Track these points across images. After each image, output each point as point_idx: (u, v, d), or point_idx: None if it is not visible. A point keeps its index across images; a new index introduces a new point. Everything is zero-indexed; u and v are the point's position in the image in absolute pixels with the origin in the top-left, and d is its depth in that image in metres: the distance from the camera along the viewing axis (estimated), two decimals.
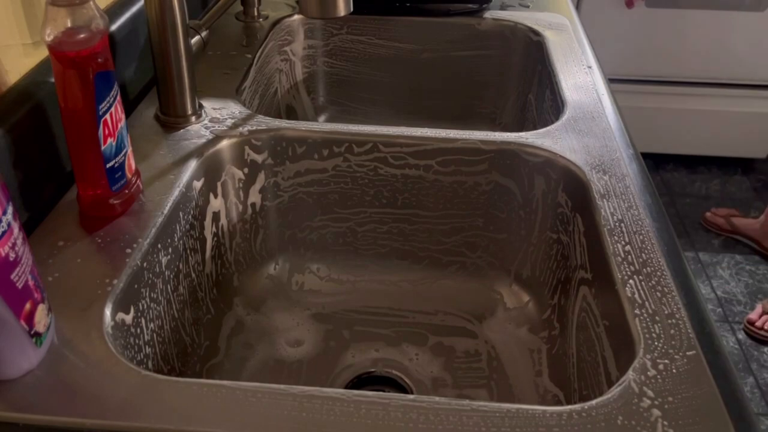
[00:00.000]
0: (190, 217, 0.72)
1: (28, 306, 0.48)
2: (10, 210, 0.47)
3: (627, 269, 0.61)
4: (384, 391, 0.75)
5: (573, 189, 0.75)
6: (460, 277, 0.88)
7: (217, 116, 0.82)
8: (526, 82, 1.09)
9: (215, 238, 0.79)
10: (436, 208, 0.85)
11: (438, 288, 0.87)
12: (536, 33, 1.07)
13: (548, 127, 0.82)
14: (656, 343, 0.54)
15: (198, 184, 0.74)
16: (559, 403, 0.71)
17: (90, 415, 0.48)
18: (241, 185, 0.82)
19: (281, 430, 0.47)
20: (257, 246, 0.86)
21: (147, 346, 0.63)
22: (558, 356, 0.74)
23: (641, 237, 0.65)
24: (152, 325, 0.64)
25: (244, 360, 0.77)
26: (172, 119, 0.80)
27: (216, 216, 0.79)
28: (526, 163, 0.79)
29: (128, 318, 0.59)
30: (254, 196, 0.84)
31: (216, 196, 0.79)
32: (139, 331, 0.61)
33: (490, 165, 0.81)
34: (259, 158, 0.82)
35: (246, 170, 0.82)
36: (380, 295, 0.86)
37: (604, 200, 0.69)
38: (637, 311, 0.57)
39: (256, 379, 0.76)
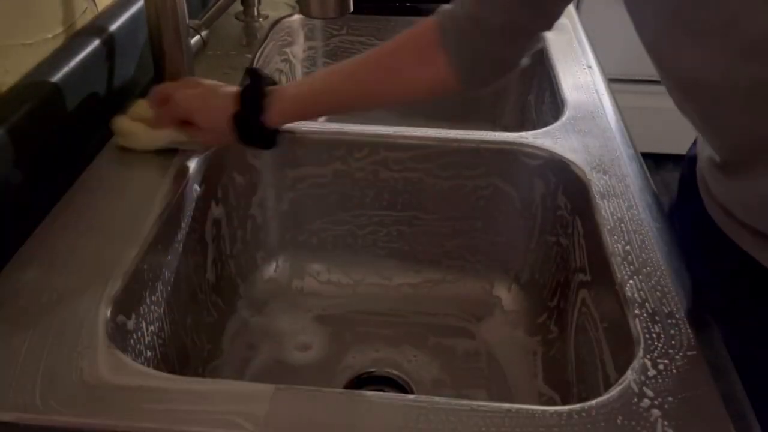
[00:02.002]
0: (189, 219, 0.72)
1: None
2: None
3: (627, 269, 0.61)
4: (384, 390, 0.75)
5: (573, 189, 0.75)
6: (460, 279, 0.87)
7: None
8: (526, 83, 1.09)
9: (215, 241, 0.79)
10: (436, 211, 0.85)
11: (438, 290, 0.87)
12: None
13: (548, 127, 0.82)
14: (656, 343, 0.54)
15: (198, 186, 0.74)
16: (556, 405, 0.71)
17: (90, 415, 0.48)
18: (241, 188, 0.82)
19: (280, 429, 0.47)
20: (258, 248, 0.86)
21: (147, 350, 0.62)
22: (556, 359, 0.74)
23: (641, 237, 0.65)
24: (152, 327, 0.64)
25: (246, 362, 0.77)
26: None
27: (216, 218, 0.79)
28: (525, 166, 0.79)
29: (127, 319, 0.59)
30: (254, 200, 0.84)
31: (216, 199, 0.78)
32: (139, 334, 0.61)
33: (489, 168, 0.81)
34: (259, 161, 0.82)
35: (246, 172, 0.82)
36: (380, 297, 0.86)
37: (604, 200, 0.69)
38: (637, 311, 0.56)
39: (256, 380, 0.75)
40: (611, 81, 0.94)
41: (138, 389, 0.49)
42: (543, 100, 0.99)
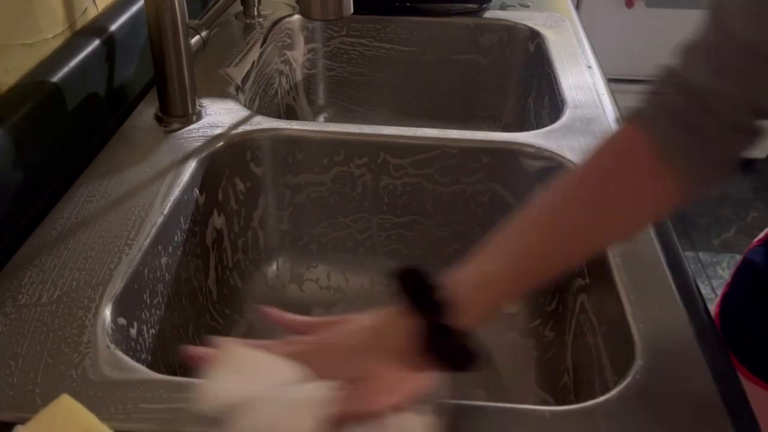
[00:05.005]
0: (190, 223, 0.72)
1: None
2: None
3: (627, 271, 0.61)
4: None
5: None
6: None
7: (217, 116, 0.82)
8: (526, 83, 1.09)
9: (216, 245, 0.79)
10: (436, 216, 0.85)
11: None
12: (536, 33, 1.07)
13: (548, 127, 0.82)
14: (656, 344, 0.54)
15: (198, 186, 0.74)
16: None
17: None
18: (242, 193, 0.82)
19: None
20: (258, 253, 0.86)
21: (148, 351, 0.62)
22: (554, 362, 0.74)
23: (641, 237, 0.65)
24: (153, 330, 0.64)
25: None
26: (171, 119, 0.80)
27: (216, 221, 0.79)
28: (524, 170, 0.79)
29: (127, 321, 0.59)
30: (255, 205, 0.84)
31: (217, 204, 0.78)
32: (139, 336, 0.61)
33: (488, 173, 0.81)
34: (259, 166, 0.81)
35: (247, 178, 0.81)
36: (381, 300, 0.86)
37: None
38: (637, 312, 0.56)
39: None
40: (611, 81, 0.94)
41: (138, 390, 0.49)
42: (543, 100, 0.99)
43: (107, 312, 0.55)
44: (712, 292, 1.96)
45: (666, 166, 0.47)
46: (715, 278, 2.01)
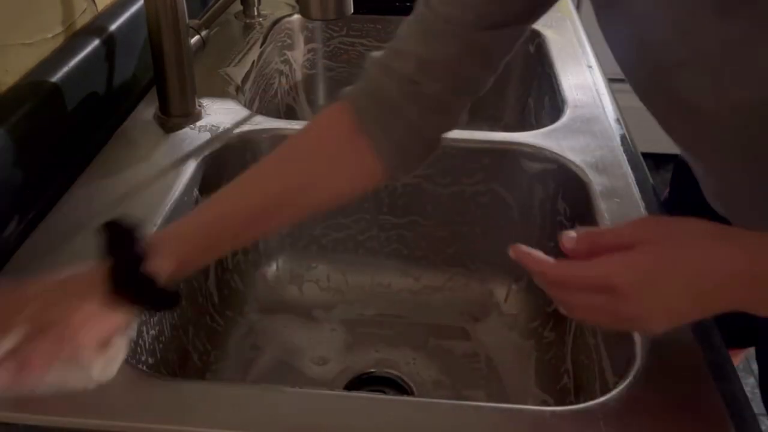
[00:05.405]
0: None
1: None
2: None
3: None
4: (384, 391, 0.75)
5: (573, 191, 0.75)
6: (459, 283, 0.87)
7: (217, 116, 0.82)
8: (527, 83, 1.09)
9: None
10: (436, 216, 0.85)
11: (437, 293, 0.87)
12: (537, 33, 1.07)
13: (548, 127, 0.82)
14: (656, 345, 0.53)
15: (198, 186, 0.74)
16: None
17: (90, 415, 0.48)
18: None
19: (280, 430, 0.47)
20: (258, 253, 0.86)
21: (147, 352, 0.62)
22: (554, 363, 0.74)
23: None
24: (153, 331, 0.64)
25: (247, 365, 0.77)
26: (171, 119, 0.80)
27: None
28: (524, 171, 0.79)
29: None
30: None
31: None
32: (139, 337, 0.61)
33: (488, 174, 0.81)
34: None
35: None
36: (381, 301, 0.86)
37: (604, 200, 0.69)
38: None
39: (257, 382, 0.75)
40: (611, 81, 0.94)
41: (137, 390, 0.49)
42: (543, 100, 0.99)
43: None
44: None
45: (364, 138, 0.53)
46: None
